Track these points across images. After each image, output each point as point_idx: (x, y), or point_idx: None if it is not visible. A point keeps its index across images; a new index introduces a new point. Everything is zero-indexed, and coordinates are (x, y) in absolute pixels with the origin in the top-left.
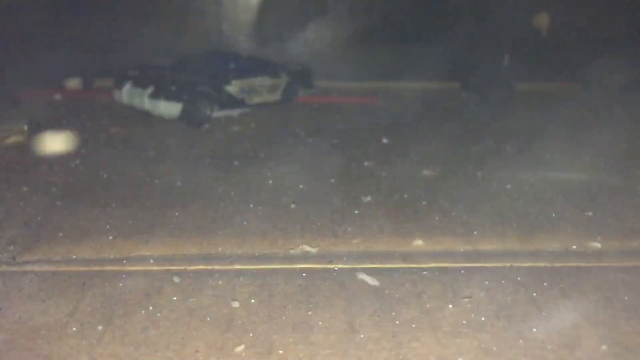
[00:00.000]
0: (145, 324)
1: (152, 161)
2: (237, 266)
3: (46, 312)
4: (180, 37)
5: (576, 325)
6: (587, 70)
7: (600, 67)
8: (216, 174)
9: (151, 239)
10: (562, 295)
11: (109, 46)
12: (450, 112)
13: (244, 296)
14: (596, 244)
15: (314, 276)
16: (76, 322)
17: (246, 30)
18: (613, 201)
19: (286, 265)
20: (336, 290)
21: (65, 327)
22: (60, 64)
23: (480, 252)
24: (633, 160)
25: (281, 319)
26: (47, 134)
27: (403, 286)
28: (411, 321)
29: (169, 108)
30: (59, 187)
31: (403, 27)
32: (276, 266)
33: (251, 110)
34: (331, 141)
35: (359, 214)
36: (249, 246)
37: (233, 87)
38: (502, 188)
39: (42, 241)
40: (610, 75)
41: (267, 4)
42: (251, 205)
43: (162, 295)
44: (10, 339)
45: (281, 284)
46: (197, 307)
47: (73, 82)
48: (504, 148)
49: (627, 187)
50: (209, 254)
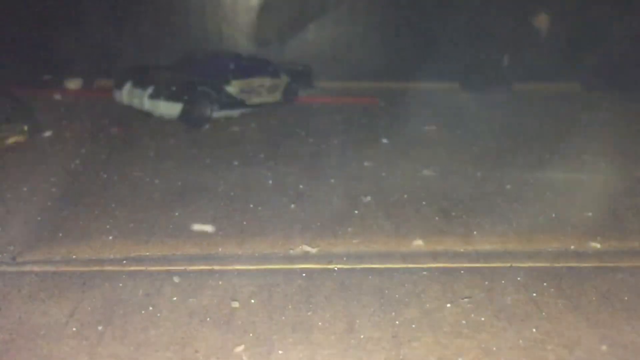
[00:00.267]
0: (145, 324)
1: (152, 161)
2: (237, 266)
3: (46, 312)
4: (180, 37)
5: (576, 325)
6: (587, 70)
7: (601, 67)
8: (216, 174)
9: (151, 239)
10: (562, 295)
11: (109, 46)
12: (450, 112)
13: (244, 296)
14: (596, 244)
15: (314, 276)
16: (76, 322)
17: (246, 30)
18: (613, 201)
19: (286, 265)
20: (336, 290)
21: (65, 327)
22: (60, 64)
23: (480, 252)
24: (633, 160)
25: (281, 319)
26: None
27: (403, 286)
28: (411, 321)
29: (169, 108)
30: (59, 187)
31: (403, 27)
32: (276, 266)
33: (251, 110)
34: (331, 141)
35: (359, 214)
36: (249, 246)
37: (233, 87)
38: (502, 188)
39: (42, 241)
40: (610, 75)
41: (267, 3)
42: (251, 205)
43: (162, 295)
44: (10, 339)
45: (281, 284)
46: (197, 307)
47: (73, 82)
48: (504, 148)
49: (627, 187)
50: (209, 254)
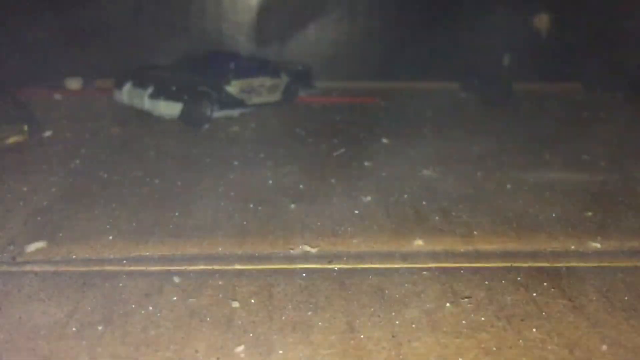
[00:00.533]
0: (145, 324)
1: (152, 161)
2: (237, 266)
3: (46, 312)
4: (180, 37)
5: (576, 325)
6: (587, 70)
7: (601, 67)
8: (216, 174)
9: (151, 239)
10: (562, 295)
11: (109, 46)
12: (450, 112)
13: (244, 296)
14: (596, 244)
15: (314, 276)
16: (76, 322)
17: (246, 30)
18: (613, 201)
19: (286, 265)
20: (336, 290)
21: (65, 327)
22: (60, 64)
23: (480, 252)
24: (633, 161)
25: (281, 319)
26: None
27: (403, 286)
28: (411, 321)
29: (169, 108)
30: (59, 187)
31: (403, 27)
32: (276, 266)
33: (251, 110)
34: (331, 141)
35: (359, 214)
36: (249, 246)
37: (233, 87)
38: (502, 188)
39: (42, 241)
40: (611, 75)
41: (267, 3)
42: (251, 205)
43: (162, 295)
44: (10, 339)
45: (281, 284)
46: (197, 307)
47: (73, 82)
48: (504, 148)
49: (627, 187)
50: (209, 254)
